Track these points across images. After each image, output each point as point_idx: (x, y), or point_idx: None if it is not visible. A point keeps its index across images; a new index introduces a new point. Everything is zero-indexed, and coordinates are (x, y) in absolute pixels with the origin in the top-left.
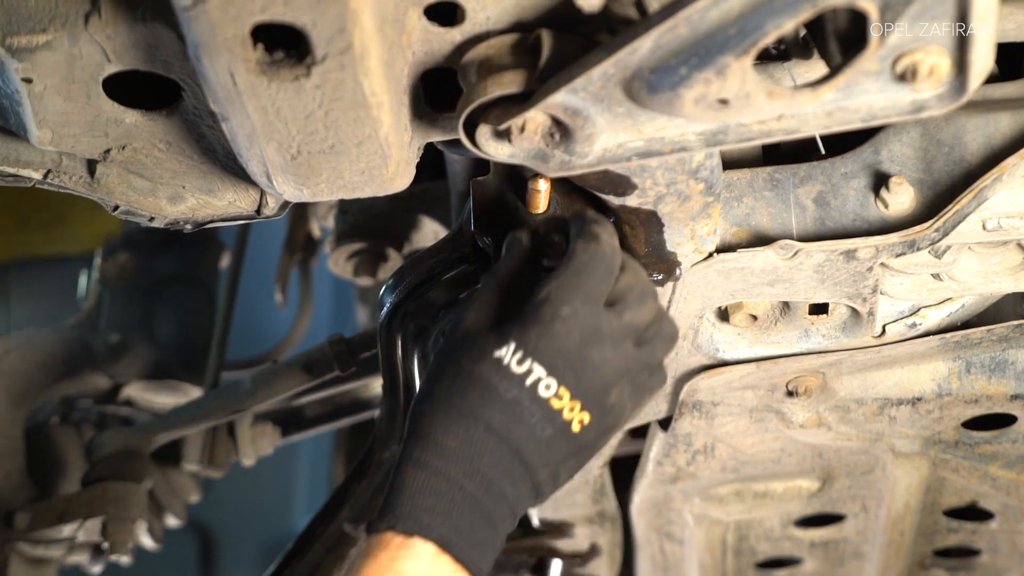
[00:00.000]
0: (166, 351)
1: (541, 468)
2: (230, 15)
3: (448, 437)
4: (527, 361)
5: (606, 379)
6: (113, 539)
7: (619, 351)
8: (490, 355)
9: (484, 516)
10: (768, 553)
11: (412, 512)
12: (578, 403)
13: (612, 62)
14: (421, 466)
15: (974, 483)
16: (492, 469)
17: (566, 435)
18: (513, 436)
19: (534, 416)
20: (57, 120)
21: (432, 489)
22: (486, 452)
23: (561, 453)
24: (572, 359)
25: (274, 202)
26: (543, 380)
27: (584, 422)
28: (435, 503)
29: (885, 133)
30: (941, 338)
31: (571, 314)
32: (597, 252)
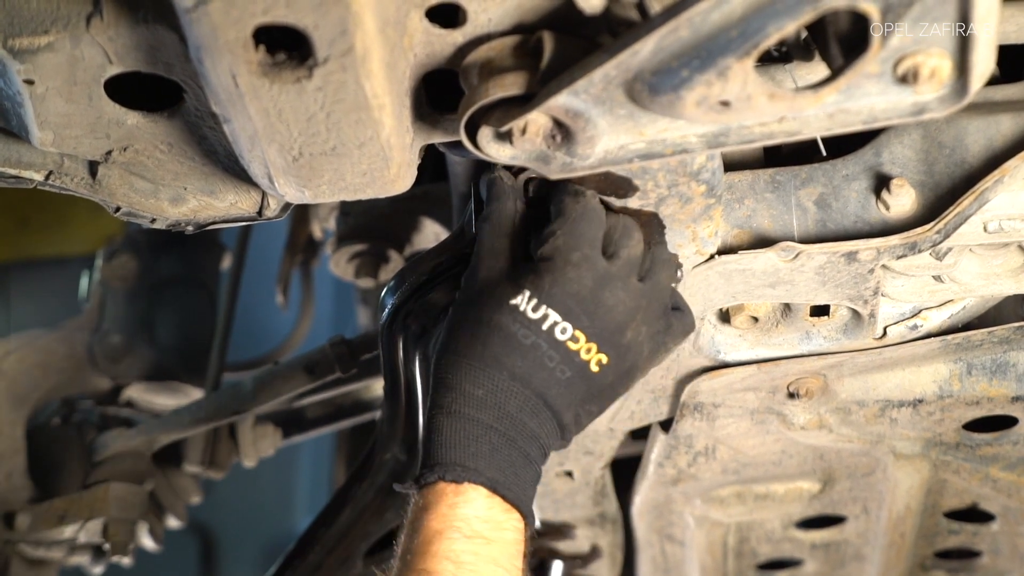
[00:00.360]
0: (167, 352)
1: (565, 410)
2: (232, 17)
3: (475, 386)
4: (542, 308)
5: (619, 319)
6: (114, 540)
7: (628, 289)
8: (507, 303)
9: (522, 455)
10: (769, 555)
11: (458, 459)
12: (594, 344)
13: (614, 64)
14: (454, 415)
15: (975, 485)
16: (520, 412)
17: (585, 376)
18: (536, 381)
19: (553, 360)
20: (59, 122)
21: (471, 435)
22: (512, 397)
23: (581, 394)
24: (585, 302)
25: (276, 204)
26: (559, 324)
27: (602, 362)
28: (476, 448)
29: (886, 135)
30: (942, 340)
31: (581, 259)
32: (587, 204)
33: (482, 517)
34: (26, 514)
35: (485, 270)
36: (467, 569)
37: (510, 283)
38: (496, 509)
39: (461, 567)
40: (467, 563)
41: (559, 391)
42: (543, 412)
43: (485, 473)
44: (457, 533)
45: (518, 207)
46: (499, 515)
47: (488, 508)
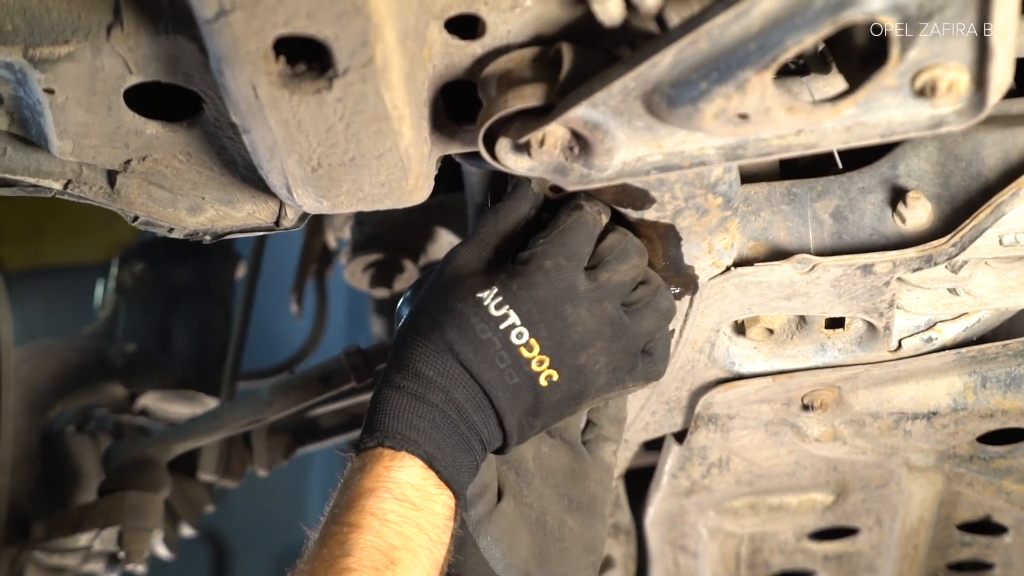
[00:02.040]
0: (182, 361)
1: (509, 415)
2: (253, 28)
3: (426, 367)
4: (504, 307)
5: (577, 339)
6: (129, 548)
7: (594, 312)
8: (473, 295)
9: (462, 440)
10: (782, 566)
11: (399, 429)
12: (547, 358)
13: (632, 76)
14: (402, 391)
15: (988, 497)
16: (466, 403)
17: (533, 388)
18: (484, 377)
19: (504, 361)
20: (78, 131)
21: (415, 411)
22: (460, 386)
23: (526, 404)
24: (546, 312)
25: (293, 214)
26: (516, 328)
27: (552, 379)
28: (419, 423)
29: (902, 148)
30: (957, 353)
31: (552, 268)
32: (580, 218)
33: (415, 485)
34: (41, 522)
35: (468, 257)
36: (391, 527)
37: (483, 277)
38: (429, 482)
39: (386, 524)
40: (392, 522)
41: (505, 394)
42: (487, 410)
43: (424, 447)
44: (388, 494)
45: (529, 214)
46: (431, 488)
47: (422, 479)
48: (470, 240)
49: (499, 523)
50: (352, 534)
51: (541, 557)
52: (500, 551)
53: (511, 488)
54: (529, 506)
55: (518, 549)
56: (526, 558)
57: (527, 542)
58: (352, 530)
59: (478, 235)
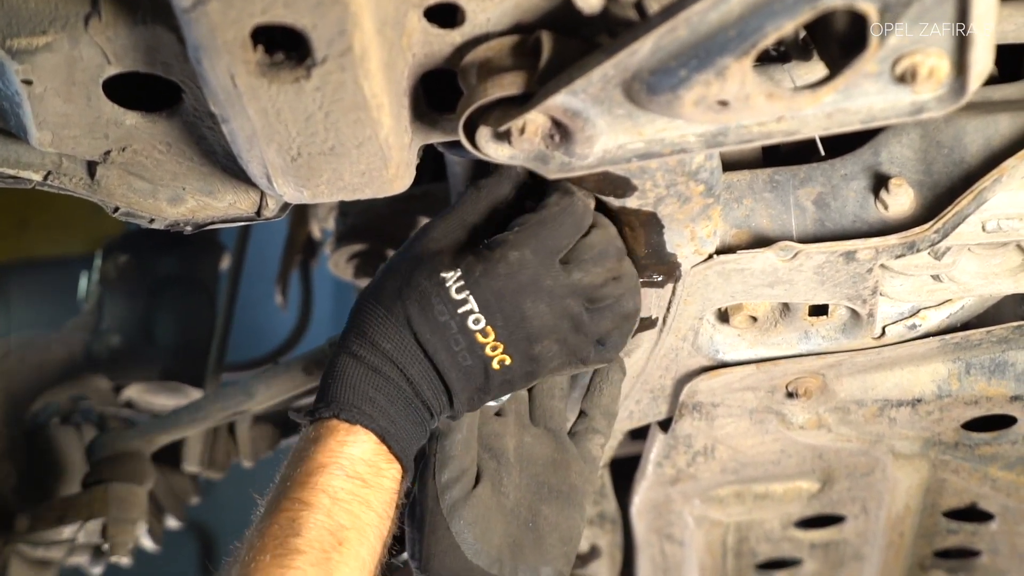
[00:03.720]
0: (167, 353)
1: (460, 392)
2: (230, 17)
3: (384, 339)
4: (464, 292)
5: (533, 330)
6: (113, 540)
7: (555, 307)
8: (437, 274)
9: (414, 413)
10: (768, 554)
11: (355, 401)
12: (501, 344)
13: (612, 64)
14: (360, 360)
15: (974, 484)
16: (420, 379)
17: (485, 370)
18: (439, 358)
19: (459, 344)
20: (57, 122)
21: (371, 383)
22: (415, 362)
23: (478, 383)
24: (505, 303)
25: (274, 204)
26: (474, 314)
27: (505, 363)
28: (374, 395)
29: (885, 135)
30: (941, 339)
31: (517, 260)
32: (568, 207)
33: (367, 460)
34: (25, 514)
35: (442, 231)
36: (341, 505)
37: (451, 256)
38: (381, 456)
39: (336, 503)
40: (343, 500)
41: (458, 375)
42: (438, 387)
43: (378, 421)
44: (340, 470)
45: (510, 194)
46: (382, 463)
47: (374, 454)
48: (446, 214)
49: (474, 508)
50: (303, 512)
51: (514, 546)
52: (472, 536)
53: (490, 475)
54: (506, 495)
55: (491, 536)
56: (499, 546)
57: (501, 530)
58: (303, 508)
59: (455, 210)
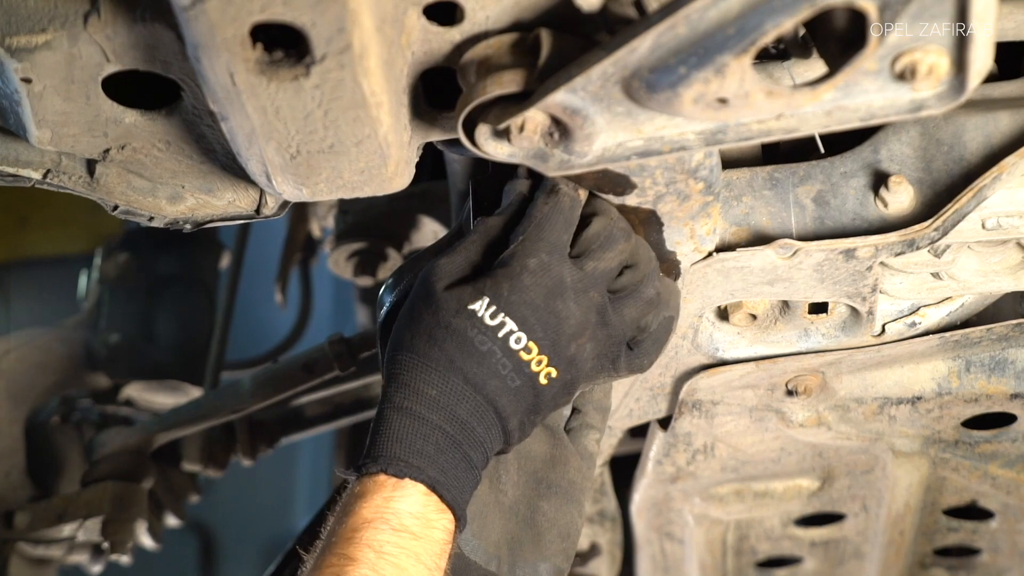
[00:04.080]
0: (166, 351)
1: (511, 417)
2: (229, 15)
3: (428, 387)
4: (500, 315)
5: (569, 331)
6: (113, 539)
7: (581, 302)
8: (466, 308)
9: (464, 458)
10: (768, 552)
11: (402, 455)
12: (545, 357)
13: (611, 61)
14: (405, 412)
15: (974, 482)
16: (470, 417)
17: (534, 387)
18: (488, 388)
19: (506, 368)
20: (56, 120)
21: (418, 433)
22: (464, 401)
23: (528, 404)
24: (540, 312)
25: (273, 202)
26: (515, 333)
27: (551, 376)
28: (422, 447)
29: (884, 132)
30: (941, 337)
31: (538, 266)
32: (556, 205)
33: (414, 513)
34: (25, 512)
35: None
36: (388, 560)
37: (469, 287)
38: (431, 508)
39: (382, 557)
40: (389, 554)
41: (508, 399)
42: (491, 418)
43: (427, 471)
44: (385, 525)
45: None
46: (432, 514)
47: (423, 506)
48: (451, 252)
49: (472, 505)
50: (347, 567)
51: (512, 543)
52: (470, 533)
53: (488, 472)
54: (504, 492)
55: (489, 533)
56: (496, 543)
57: (499, 527)
58: (348, 563)
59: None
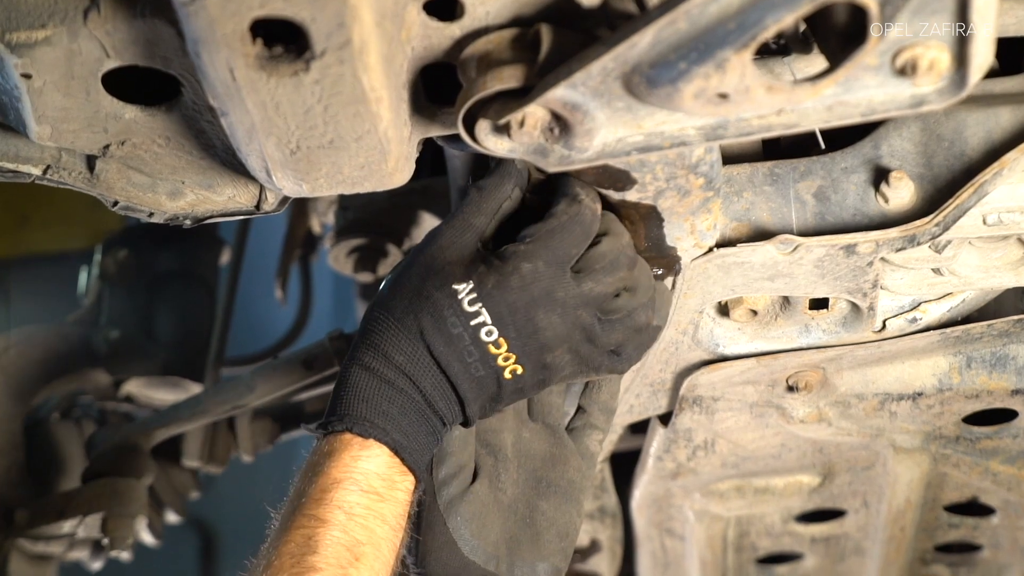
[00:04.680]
0: (166, 347)
1: (472, 402)
2: (229, 10)
3: (397, 352)
4: (477, 304)
5: (546, 341)
6: (113, 535)
7: (567, 318)
8: (449, 286)
9: (427, 424)
10: (769, 549)
11: (368, 415)
12: (514, 356)
13: (611, 57)
14: (371, 372)
15: (975, 478)
16: (432, 390)
17: (498, 379)
18: (452, 370)
19: (472, 356)
20: (56, 116)
21: (384, 395)
22: (428, 374)
23: (490, 392)
24: (518, 315)
25: (273, 197)
26: (487, 326)
27: (517, 372)
28: (387, 408)
29: (885, 128)
30: (941, 333)
31: (530, 272)
32: (577, 215)
33: (381, 475)
34: (25, 509)
35: (450, 238)
36: (357, 521)
37: (461, 266)
38: (395, 469)
39: (352, 518)
40: (358, 515)
41: (470, 385)
42: (451, 397)
43: (391, 434)
44: (355, 485)
45: (513, 195)
46: (396, 475)
47: (388, 467)
48: (453, 220)
49: (471, 504)
50: (319, 529)
51: (511, 542)
52: (469, 532)
53: (487, 471)
54: (503, 491)
55: (488, 532)
56: (495, 542)
57: (498, 526)
58: (319, 524)
59: (461, 215)
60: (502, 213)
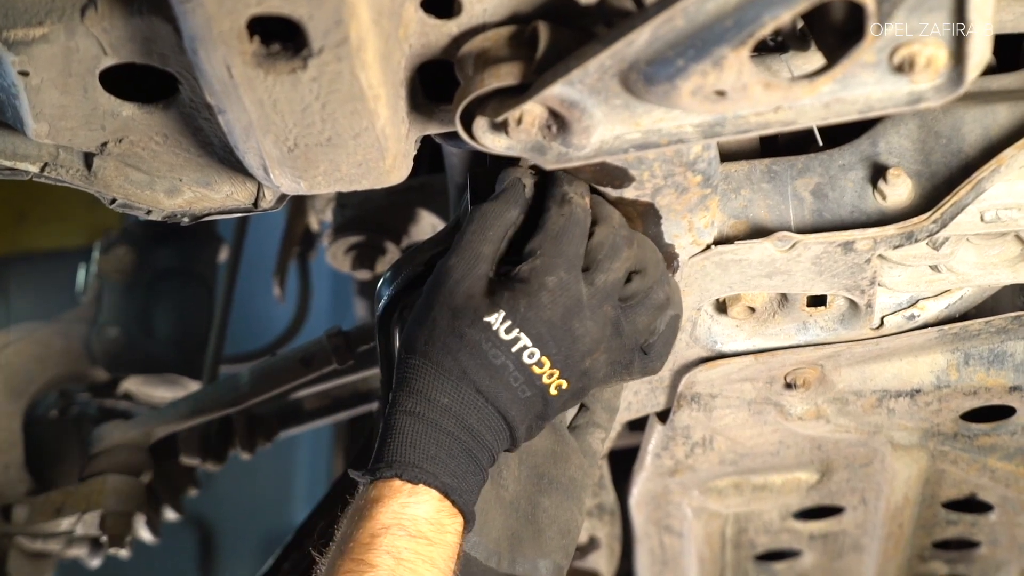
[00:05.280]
0: (164, 345)
1: (520, 425)
2: (226, 8)
3: (441, 395)
4: (515, 330)
5: (583, 348)
6: (111, 532)
7: (597, 318)
8: (481, 320)
9: (474, 462)
10: (767, 546)
11: (416, 461)
12: (557, 371)
13: (609, 54)
14: (416, 417)
15: (973, 475)
16: (480, 424)
17: (544, 397)
18: (500, 400)
19: (518, 380)
20: (54, 113)
21: (431, 439)
22: (475, 410)
23: (536, 411)
24: (556, 331)
25: (271, 195)
26: (528, 349)
27: (562, 387)
28: (435, 452)
29: (883, 125)
30: (939, 330)
31: (555, 284)
32: (571, 216)
33: (429, 519)
34: (23, 506)
35: (463, 270)
36: (406, 566)
37: (487, 298)
38: (444, 513)
39: (400, 563)
40: (406, 560)
41: (519, 409)
42: (500, 425)
43: (440, 477)
44: (403, 531)
45: (518, 220)
46: (445, 519)
47: (437, 511)
48: (460, 250)
49: None
50: (366, 573)
51: (513, 539)
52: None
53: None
54: (505, 487)
55: (490, 529)
56: (497, 538)
57: (500, 522)
58: (367, 569)
59: (468, 244)
60: (507, 239)
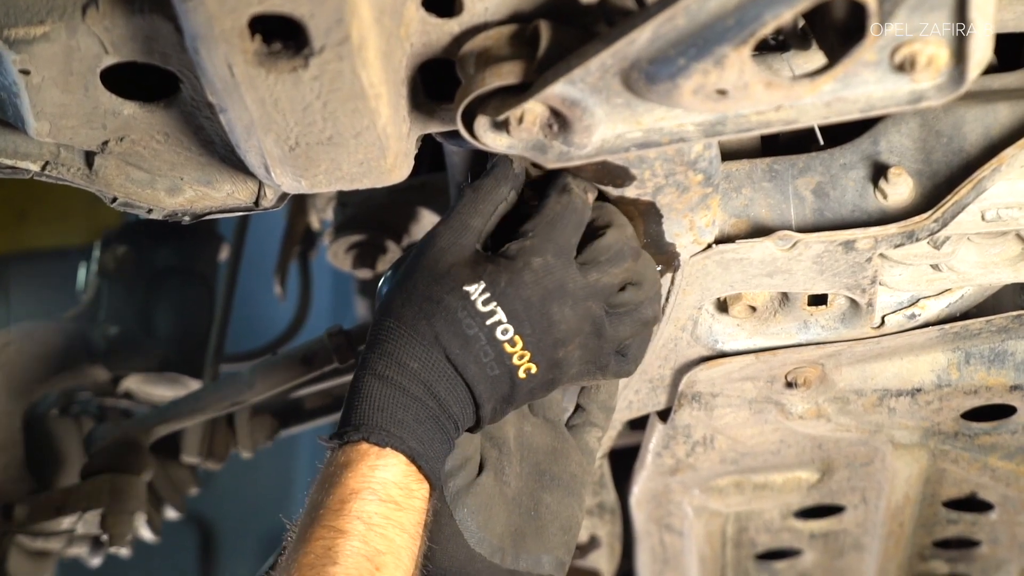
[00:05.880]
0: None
1: (486, 403)
2: (228, 6)
3: (411, 359)
4: (492, 303)
5: (559, 335)
6: (112, 531)
7: (578, 310)
8: (460, 288)
9: (441, 431)
10: (768, 544)
11: (384, 424)
12: (528, 353)
13: (610, 53)
14: (385, 381)
15: (974, 474)
16: (447, 394)
17: (512, 379)
18: (468, 372)
19: (488, 356)
20: (55, 112)
21: (399, 403)
22: (443, 378)
23: (503, 393)
24: (533, 311)
25: (272, 194)
26: (502, 325)
27: (531, 371)
28: (402, 417)
29: (884, 124)
30: (940, 329)
31: (541, 266)
32: (569, 204)
33: (398, 484)
34: (24, 505)
35: (450, 239)
36: (376, 531)
37: (469, 268)
38: (411, 478)
39: (371, 528)
40: (377, 525)
41: (486, 386)
42: (466, 399)
43: (407, 442)
44: (372, 495)
45: (509, 197)
46: (413, 483)
47: (404, 476)
48: (449, 220)
49: (477, 496)
50: (338, 539)
51: (516, 534)
52: (476, 524)
53: (492, 464)
54: (508, 484)
55: (493, 524)
56: (501, 534)
57: (503, 518)
58: (338, 535)
59: (458, 215)
60: (498, 215)
